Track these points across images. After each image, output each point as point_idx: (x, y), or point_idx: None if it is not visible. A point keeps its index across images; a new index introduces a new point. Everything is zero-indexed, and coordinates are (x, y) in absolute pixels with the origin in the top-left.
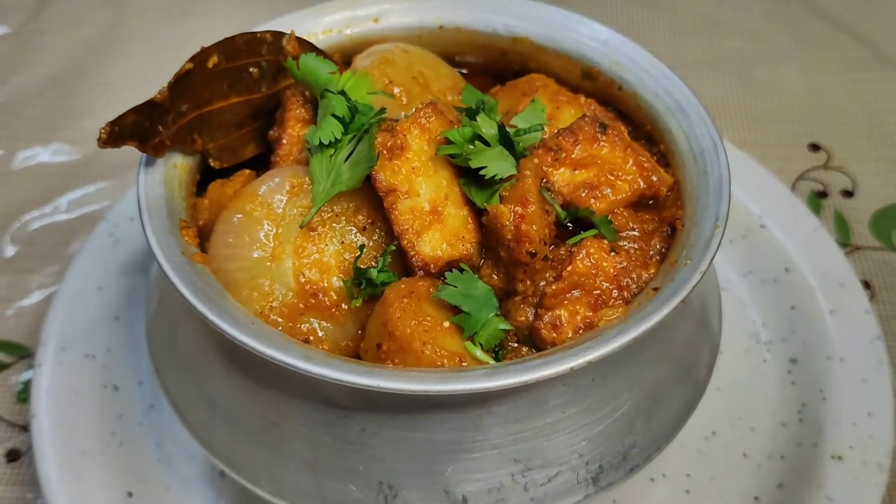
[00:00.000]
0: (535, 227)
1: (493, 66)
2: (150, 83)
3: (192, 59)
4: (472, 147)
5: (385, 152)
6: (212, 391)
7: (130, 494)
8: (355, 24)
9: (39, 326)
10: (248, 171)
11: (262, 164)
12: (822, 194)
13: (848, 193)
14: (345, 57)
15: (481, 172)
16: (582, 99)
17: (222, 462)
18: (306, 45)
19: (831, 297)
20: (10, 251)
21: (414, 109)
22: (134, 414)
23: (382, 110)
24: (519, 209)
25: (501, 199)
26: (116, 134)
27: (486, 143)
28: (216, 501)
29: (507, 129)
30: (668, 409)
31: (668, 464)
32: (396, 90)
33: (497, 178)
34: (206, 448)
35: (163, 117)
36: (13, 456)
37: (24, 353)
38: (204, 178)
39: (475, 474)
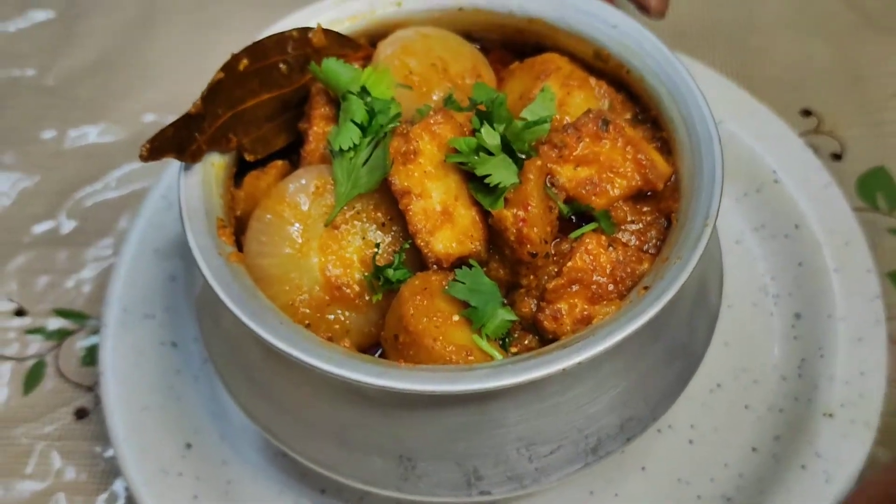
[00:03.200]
0: (535, 230)
1: (510, 41)
2: (186, 61)
3: (223, 69)
4: (476, 158)
5: (399, 157)
6: (252, 369)
7: (189, 446)
8: (379, 9)
9: (98, 295)
10: (280, 163)
11: (294, 150)
12: None
13: (837, 157)
14: (370, 40)
15: (486, 181)
16: (592, 81)
17: (263, 430)
18: (332, 35)
19: (836, 254)
20: (66, 227)
21: (429, 108)
22: (190, 368)
23: (398, 115)
24: (521, 213)
25: (506, 200)
26: (156, 149)
27: (490, 153)
28: (266, 449)
29: (517, 121)
30: (664, 383)
31: (674, 416)
32: (416, 79)
33: (500, 185)
34: (249, 417)
35: (199, 124)
36: (81, 414)
37: (85, 321)
38: (240, 167)
39: (484, 450)
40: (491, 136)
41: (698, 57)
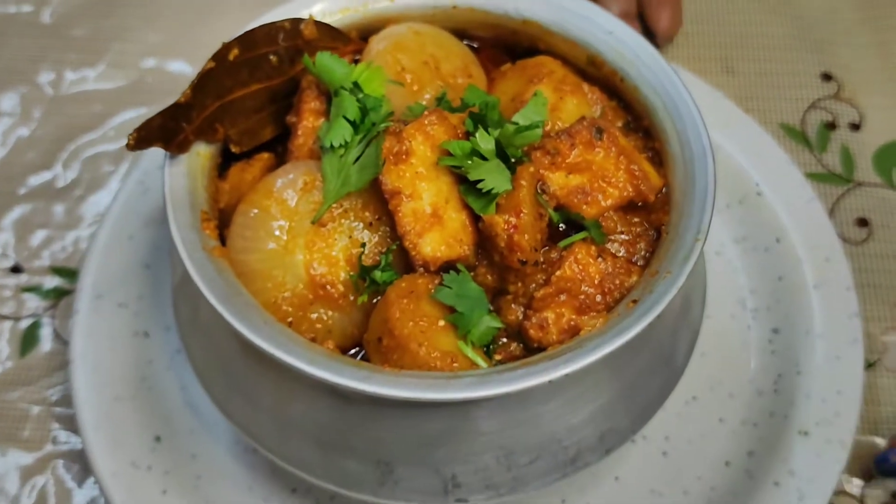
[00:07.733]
0: (526, 237)
1: (502, 41)
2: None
3: (214, 58)
4: (470, 162)
5: (391, 157)
6: (229, 365)
7: (158, 439)
8: (371, 3)
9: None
10: (266, 156)
11: (279, 142)
12: (832, 126)
13: (855, 126)
14: (361, 34)
15: (479, 186)
16: (585, 87)
17: (236, 426)
18: (323, 28)
19: (817, 270)
20: (63, 179)
21: (421, 106)
22: (162, 359)
23: (390, 114)
24: (512, 219)
25: (497, 206)
26: (143, 139)
27: (484, 158)
28: (236, 444)
29: (509, 124)
30: (646, 396)
31: (650, 426)
32: (408, 77)
33: (493, 191)
34: (223, 412)
35: (187, 114)
36: None
37: None
38: (224, 157)
39: (463, 457)
40: (486, 141)
41: (722, 13)
